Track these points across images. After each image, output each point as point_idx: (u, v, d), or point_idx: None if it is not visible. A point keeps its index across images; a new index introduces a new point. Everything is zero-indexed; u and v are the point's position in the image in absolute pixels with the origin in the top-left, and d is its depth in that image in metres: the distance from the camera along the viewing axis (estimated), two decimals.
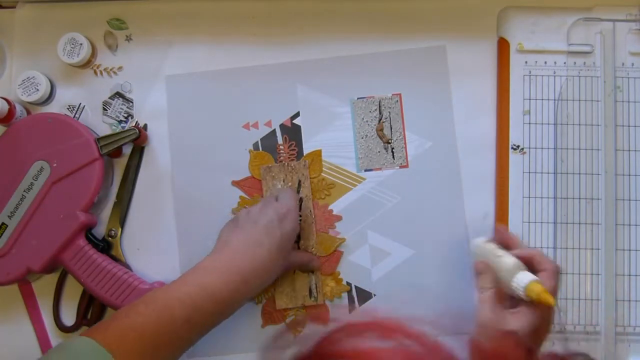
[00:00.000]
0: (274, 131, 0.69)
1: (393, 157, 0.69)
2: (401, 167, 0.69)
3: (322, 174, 0.68)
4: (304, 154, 0.69)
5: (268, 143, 0.69)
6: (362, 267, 0.67)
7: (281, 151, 0.69)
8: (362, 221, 0.68)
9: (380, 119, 0.69)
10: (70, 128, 0.66)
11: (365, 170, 0.69)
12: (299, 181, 0.68)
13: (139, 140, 0.67)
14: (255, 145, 0.69)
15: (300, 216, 0.67)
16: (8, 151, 0.65)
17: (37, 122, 0.66)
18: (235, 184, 0.68)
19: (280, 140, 0.69)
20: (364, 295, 0.67)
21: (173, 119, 0.69)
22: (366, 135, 0.69)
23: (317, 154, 0.69)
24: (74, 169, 0.64)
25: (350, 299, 0.67)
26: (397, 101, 0.69)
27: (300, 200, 0.68)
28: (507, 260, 0.57)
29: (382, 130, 0.68)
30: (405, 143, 0.69)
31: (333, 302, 0.67)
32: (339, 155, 0.69)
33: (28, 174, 0.64)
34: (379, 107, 0.69)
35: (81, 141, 0.65)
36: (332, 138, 0.69)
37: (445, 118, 0.69)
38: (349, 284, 0.67)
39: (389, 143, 0.69)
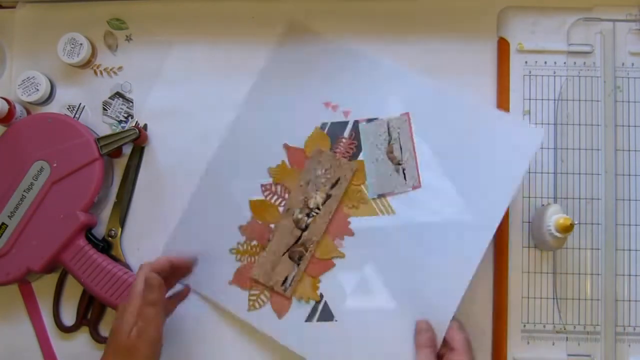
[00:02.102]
0: (346, 122, 0.68)
1: (405, 178, 0.66)
2: (414, 188, 0.66)
3: (363, 186, 0.67)
4: (358, 158, 0.67)
5: (335, 130, 0.67)
6: (341, 290, 0.65)
7: (341, 144, 0.68)
8: (368, 250, 0.65)
9: (389, 141, 0.67)
10: (70, 128, 0.66)
11: (379, 196, 0.66)
12: (338, 178, 0.67)
13: (139, 140, 0.67)
14: (323, 126, 0.68)
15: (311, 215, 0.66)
16: (8, 151, 0.65)
17: (37, 122, 0.66)
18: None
19: (347, 134, 0.68)
20: (327, 315, 0.65)
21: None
22: (377, 160, 0.67)
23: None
24: (74, 169, 0.64)
25: (313, 312, 0.65)
26: (406, 120, 0.67)
27: (328, 196, 0.66)
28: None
29: (392, 152, 0.67)
30: (416, 162, 0.66)
31: (300, 302, 0.65)
32: None
33: (28, 174, 0.64)
34: (388, 128, 0.67)
35: (81, 141, 0.65)
36: None
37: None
38: (321, 296, 0.65)
39: (400, 164, 0.66)
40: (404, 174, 0.66)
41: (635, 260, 0.66)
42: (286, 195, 0.67)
